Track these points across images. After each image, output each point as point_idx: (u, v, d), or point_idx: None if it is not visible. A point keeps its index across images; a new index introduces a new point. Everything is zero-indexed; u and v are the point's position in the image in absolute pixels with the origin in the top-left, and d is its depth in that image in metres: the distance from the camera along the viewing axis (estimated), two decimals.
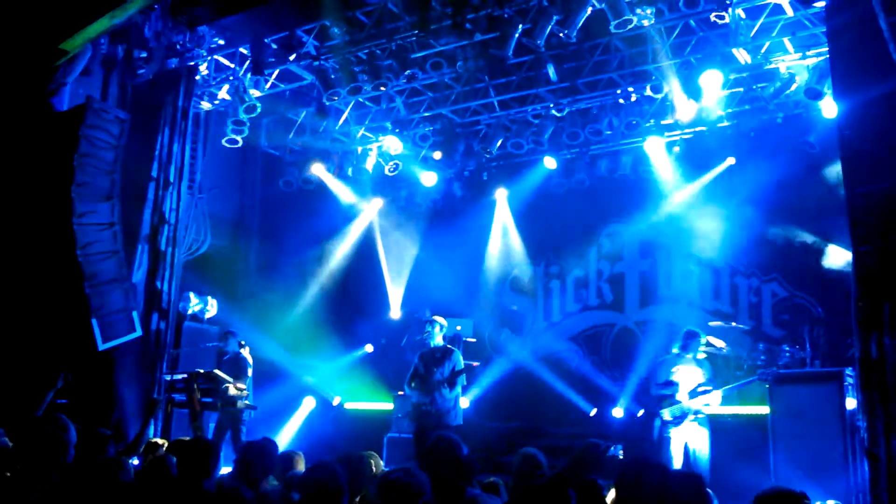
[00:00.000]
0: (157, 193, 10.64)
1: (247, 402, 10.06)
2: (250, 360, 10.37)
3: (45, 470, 4.62)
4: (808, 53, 10.07)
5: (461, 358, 9.73)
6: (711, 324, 11.31)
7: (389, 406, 12.32)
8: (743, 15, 9.71)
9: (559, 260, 14.36)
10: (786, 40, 10.06)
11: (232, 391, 9.85)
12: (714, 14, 9.35)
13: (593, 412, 12.44)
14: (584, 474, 4.50)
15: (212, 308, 12.10)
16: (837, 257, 10.99)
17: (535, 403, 13.00)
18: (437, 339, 9.71)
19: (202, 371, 10.13)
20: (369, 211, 14.83)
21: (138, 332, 9.81)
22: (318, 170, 13.46)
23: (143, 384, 10.02)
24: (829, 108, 10.00)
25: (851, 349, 8.20)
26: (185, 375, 10.20)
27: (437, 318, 9.97)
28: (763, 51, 10.14)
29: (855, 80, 7.86)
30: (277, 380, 11.94)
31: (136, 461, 7.29)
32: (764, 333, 11.95)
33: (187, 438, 9.04)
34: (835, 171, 9.64)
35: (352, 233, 14.64)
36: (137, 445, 7.62)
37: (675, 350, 9.53)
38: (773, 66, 10.36)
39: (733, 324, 11.52)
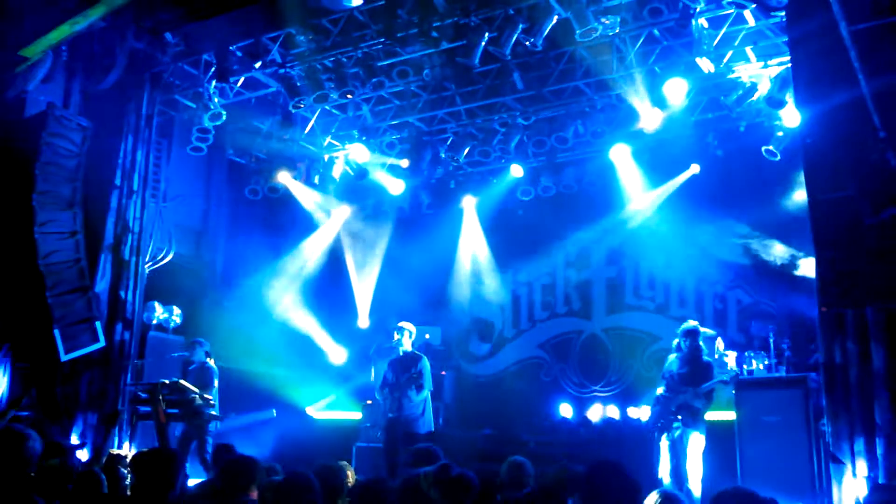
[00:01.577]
0: (121, 202, 10.55)
1: (213, 412, 9.92)
2: (216, 371, 10.23)
3: (7, 483, 4.50)
4: (769, 63, 10.21)
5: (428, 364, 9.75)
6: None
7: (358, 415, 12.26)
8: (706, 25, 9.82)
9: (527, 267, 14.38)
10: (748, 49, 10.17)
11: (198, 401, 9.72)
12: (677, 23, 9.48)
13: (566, 412, 12.48)
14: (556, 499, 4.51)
15: (177, 318, 11.94)
16: (801, 264, 11.14)
17: (506, 411, 13.02)
18: (406, 346, 9.71)
19: (167, 381, 9.95)
20: (336, 219, 14.75)
21: (102, 343, 9.75)
22: (284, 178, 13.36)
23: (106, 395, 9.86)
24: (790, 116, 10.09)
25: (816, 355, 8.31)
26: (150, 386, 10.07)
27: (405, 324, 9.95)
28: (726, 60, 10.22)
29: (816, 89, 7.96)
30: (243, 390, 11.80)
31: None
32: (730, 340, 12.06)
33: (149, 449, 8.95)
34: (797, 178, 9.78)
35: (318, 241, 14.54)
36: (99, 457, 7.48)
37: (674, 347, 9.26)
38: (735, 74, 10.47)
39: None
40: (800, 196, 9.04)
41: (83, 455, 8.38)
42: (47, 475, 5.15)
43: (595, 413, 12.64)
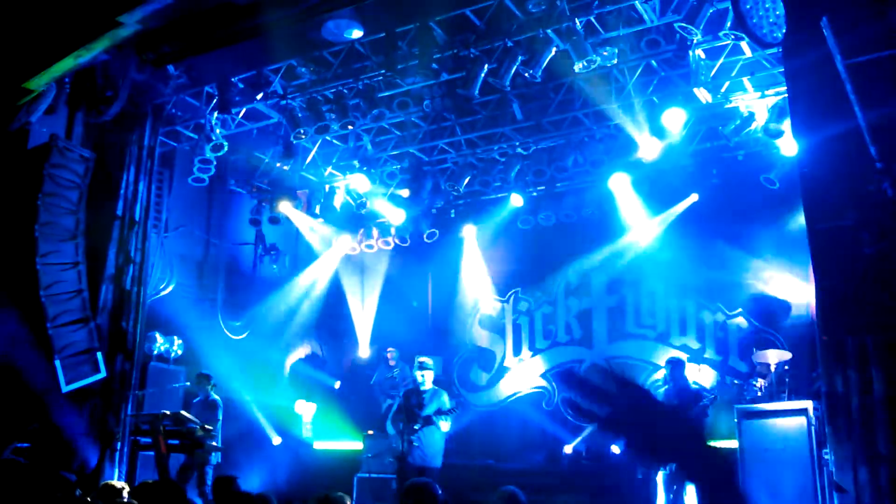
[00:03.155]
0: (123, 232, 10.57)
1: (214, 443, 9.89)
2: (221, 403, 10.21)
3: None
4: (766, 93, 10.30)
5: (447, 398, 9.78)
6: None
7: (359, 445, 12.20)
8: (703, 56, 9.91)
9: (527, 296, 14.39)
10: (745, 80, 10.27)
11: (199, 433, 9.69)
12: (675, 54, 9.57)
13: (567, 449, 12.42)
14: None
15: (178, 349, 11.92)
16: (801, 292, 11.13)
17: (506, 441, 12.94)
18: (428, 382, 9.76)
19: (168, 412, 9.95)
20: (337, 248, 14.78)
21: (103, 374, 9.70)
22: (285, 208, 13.41)
23: (107, 426, 9.83)
24: (788, 145, 10.16)
25: (817, 383, 8.29)
26: (151, 417, 10.04)
27: (425, 359, 9.97)
28: (723, 90, 10.32)
29: (813, 120, 7.97)
30: (244, 420, 11.75)
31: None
32: (731, 368, 12.04)
33: (153, 481, 8.92)
34: (796, 206, 9.80)
35: (318, 271, 14.54)
36: (96, 480, 7.45)
37: (662, 381, 9.28)
38: (733, 104, 10.55)
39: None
40: (799, 225, 9.06)
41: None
42: None
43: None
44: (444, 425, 9.54)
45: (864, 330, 7.30)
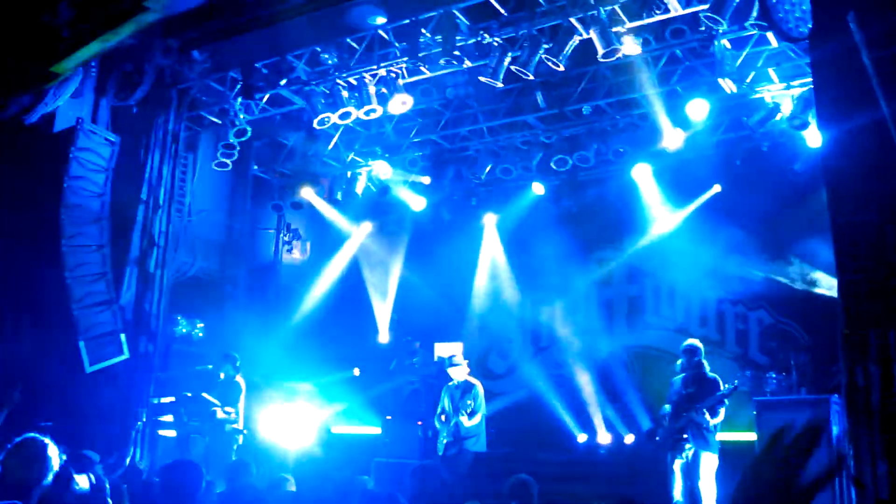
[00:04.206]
0: (147, 216, 10.68)
1: (235, 425, 9.98)
2: (243, 385, 10.29)
3: (22, 493, 4.53)
4: (792, 84, 10.25)
5: (480, 391, 10.14)
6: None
7: (377, 430, 12.27)
8: (728, 45, 9.83)
9: (547, 285, 14.30)
10: (770, 70, 10.21)
11: (220, 415, 9.79)
12: (699, 43, 9.52)
13: (582, 438, 12.44)
14: None
15: (200, 331, 12.02)
16: (823, 285, 11.05)
17: (525, 429, 12.91)
18: (459, 375, 10.23)
19: (190, 394, 10.08)
20: (358, 235, 14.82)
21: (126, 355, 9.84)
22: (307, 193, 13.47)
23: (130, 407, 9.96)
24: (813, 136, 10.08)
25: (837, 376, 8.23)
26: (173, 399, 10.17)
27: (457, 356, 10.46)
28: (748, 80, 10.25)
29: (839, 112, 7.90)
30: (265, 403, 11.81)
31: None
32: (751, 360, 11.98)
33: (177, 461, 9.02)
34: (820, 198, 9.69)
35: (340, 256, 14.61)
36: (119, 460, 7.54)
37: (678, 369, 9.21)
38: (758, 95, 10.50)
39: None
40: (823, 217, 8.98)
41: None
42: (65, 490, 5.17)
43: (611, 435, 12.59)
44: (474, 416, 9.98)
45: (887, 324, 7.27)
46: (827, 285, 10.84)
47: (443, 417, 10.11)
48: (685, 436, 8.60)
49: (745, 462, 1.65)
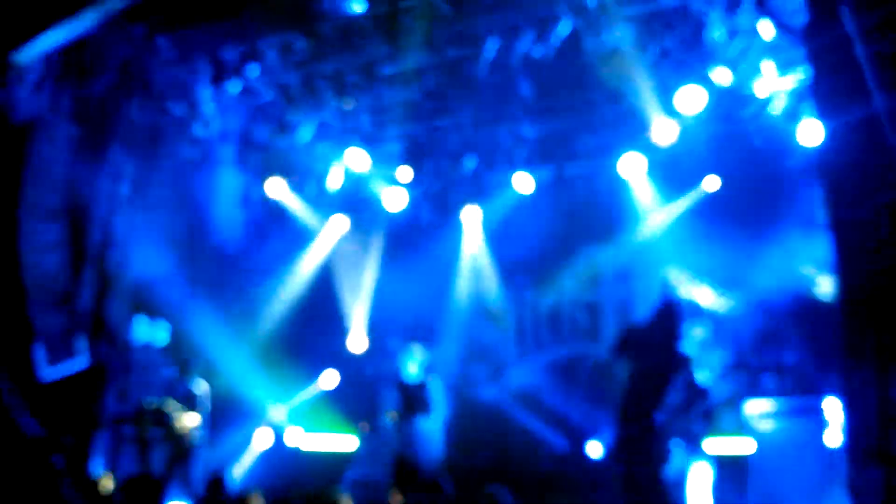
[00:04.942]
0: (108, 212, 10.32)
1: (199, 434, 9.79)
2: (207, 392, 10.08)
3: None
4: (786, 76, 10.08)
5: (440, 388, 9.70)
6: None
7: (353, 440, 12.00)
8: (720, 37, 9.61)
9: (531, 285, 14.03)
10: (763, 62, 10.04)
11: (184, 423, 9.58)
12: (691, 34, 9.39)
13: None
14: None
15: (163, 333, 11.70)
16: (819, 284, 10.91)
17: (505, 436, 12.76)
18: (413, 370, 9.65)
19: (152, 400, 9.93)
20: (331, 231, 14.42)
21: (85, 359, 9.53)
22: (278, 187, 13.22)
23: (89, 413, 9.60)
24: (806, 131, 10.09)
25: (833, 379, 8.18)
26: (135, 405, 9.96)
27: (414, 347, 9.87)
28: (741, 73, 10.13)
29: (834, 105, 7.85)
30: (232, 412, 11.56)
31: None
32: (744, 362, 11.82)
33: (136, 475, 8.80)
34: (814, 194, 9.63)
35: (313, 254, 14.22)
36: (80, 468, 7.38)
37: None
38: (751, 88, 10.35)
39: None
40: (817, 213, 8.90)
41: None
42: None
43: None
44: (436, 417, 9.50)
45: (883, 326, 7.09)
46: (822, 285, 10.72)
47: (393, 417, 9.66)
48: (677, 441, 8.42)
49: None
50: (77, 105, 10.42)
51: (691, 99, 10.33)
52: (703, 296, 10.46)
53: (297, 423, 13.14)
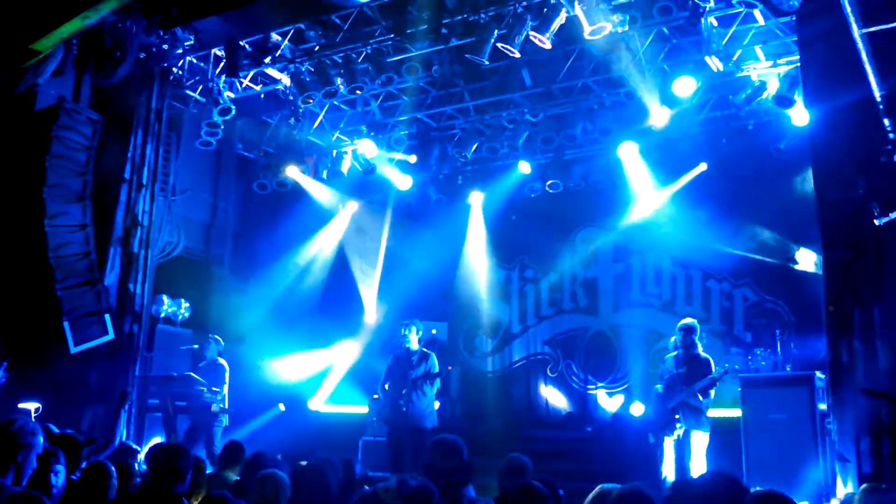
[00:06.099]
0: (130, 195, 10.60)
1: (221, 406, 9.99)
2: (227, 366, 10.30)
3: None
4: (778, 62, 10.22)
5: (437, 361, 9.71)
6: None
7: (364, 409, 12.29)
8: (715, 23, 9.85)
9: (533, 264, 14.40)
10: (757, 48, 10.20)
11: (206, 396, 9.80)
12: (686, 21, 9.45)
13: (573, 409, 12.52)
14: None
15: (185, 311, 11.98)
16: (808, 262, 11.12)
17: (511, 406, 12.99)
18: (413, 343, 9.68)
19: (176, 374, 10.11)
20: (344, 214, 14.73)
21: (111, 335, 9.79)
22: (292, 172, 13.38)
23: (115, 388, 9.87)
24: (799, 115, 10.09)
25: (822, 353, 8.32)
26: (159, 379, 10.17)
27: (412, 321, 9.94)
28: (735, 58, 10.25)
29: (825, 89, 7.99)
30: (250, 383, 11.83)
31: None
32: (736, 338, 12.08)
33: (161, 442, 9.03)
34: (805, 177, 9.78)
35: (326, 236, 14.53)
36: (106, 441, 7.52)
37: (671, 347, 9.30)
38: (744, 73, 10.47)
39: None
40: (807, 195, 9.02)
41: None
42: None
43: (600, 408, 12.67)
44: (431, 389, 9.49)
45: (870, 300, 7.37)
46: (812, 262, 10.93)
47: (386, 386, 9.69)
48: (677, 416, 8.76)
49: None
50: (98, 92, 10.69)
51: (686, 84, 10.41)
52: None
53: (316, 391, 13.45)
